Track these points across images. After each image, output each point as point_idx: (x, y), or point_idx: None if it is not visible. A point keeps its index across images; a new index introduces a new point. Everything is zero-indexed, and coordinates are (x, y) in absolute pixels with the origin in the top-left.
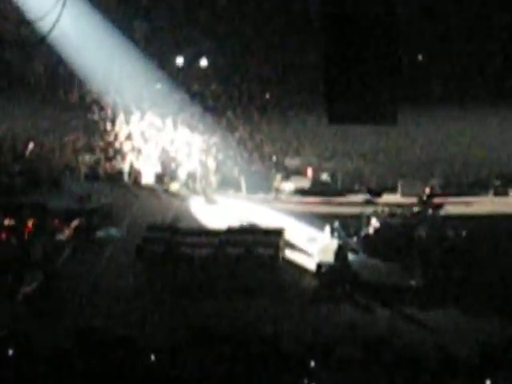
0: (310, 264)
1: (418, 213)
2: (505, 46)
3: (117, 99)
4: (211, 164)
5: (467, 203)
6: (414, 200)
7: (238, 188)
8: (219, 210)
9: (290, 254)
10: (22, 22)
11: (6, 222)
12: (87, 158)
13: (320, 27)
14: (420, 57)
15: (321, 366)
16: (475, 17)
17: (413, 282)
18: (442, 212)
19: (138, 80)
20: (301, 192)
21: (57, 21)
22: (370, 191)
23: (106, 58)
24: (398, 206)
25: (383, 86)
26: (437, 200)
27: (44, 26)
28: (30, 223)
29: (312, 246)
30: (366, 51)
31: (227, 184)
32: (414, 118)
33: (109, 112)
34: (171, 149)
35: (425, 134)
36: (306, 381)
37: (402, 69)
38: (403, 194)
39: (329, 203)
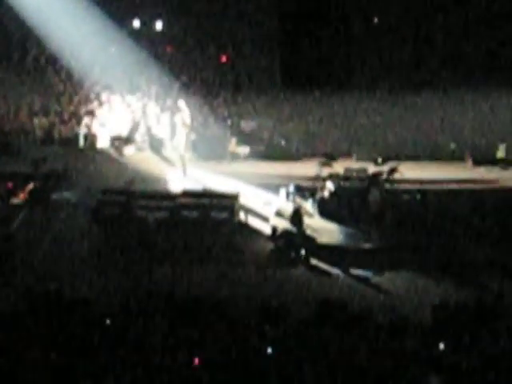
0: (266, 228)
1: (373, 176)
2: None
3: (72, 62)
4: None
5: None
6: (368, 164)
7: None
8: (171, 175)
9: (245, 217)
10: None
11: None
12: (42, 121)
13: None
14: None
15: (275, 330)
16: None
17: (367, 245)
18: (397, 175)
19: (93, 42)
20: (256, 156)
21: None
22: (325, 155)
23: (61, 19)
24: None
25: (335, 52)
26: (392, 164)
27: None
28: None
29: (267, 210)
30: (320, 21)
31: None
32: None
33: (64, 75)
34: (126, 112)
35: (382, 101)
36: (261, 346)
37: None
38: (358, 159)
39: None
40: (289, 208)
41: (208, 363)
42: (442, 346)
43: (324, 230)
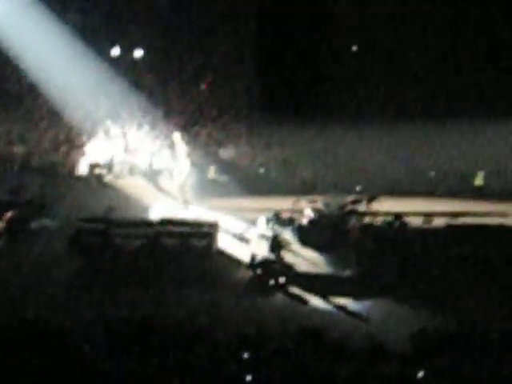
0: (245, 255)
1: (352, 203)
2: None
3: (50, 90)
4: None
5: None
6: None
7: None
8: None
9: (224, 245)
10: None
11: None
12: (20, 149)
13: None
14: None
15: (254, 357)
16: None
17: (346, 272)
18: (376, 204)
19: (72, 70)
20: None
21: None
22: (303, 182)
23: (39, 49)
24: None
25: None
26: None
27: None
28: None
29: (246, 237)
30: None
31: None
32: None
33: (42, 103)
34: (106, 140)
35: (360, 130)
36: (240, 373)
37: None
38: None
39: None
40: (268, 235)
41: None
42: (420, 373)
43: (303, 257)
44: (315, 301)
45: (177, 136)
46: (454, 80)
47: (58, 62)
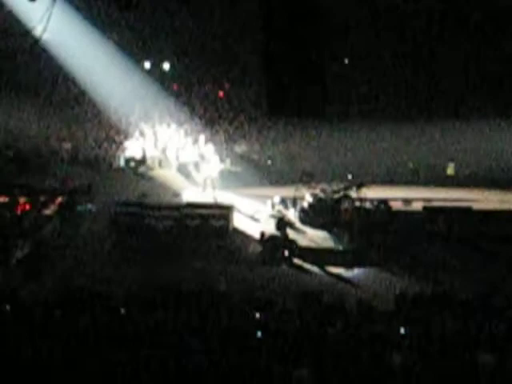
0: (256, 232)
1: (345, 189)
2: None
3: (95, 96)
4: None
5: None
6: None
7: None
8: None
9: (238, 224)
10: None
11: (1, 199)
12: (68, 145)
13: (261, 32)
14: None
15: (265, 317)
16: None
17: (340, 247)
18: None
19: (113, 80)
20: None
21: (44, 30)
22: (304, 173)
23: (85, 62)
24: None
25: (313, 84)
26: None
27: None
28: (21, 201)
29: (257, 218)
30: (301, 53)
31: None
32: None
33: (87, 107)
34: (140, 138)
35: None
36: (252, 330)
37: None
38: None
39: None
40: (275, 216)
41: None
42: (402, 329)
43: (304, 234)
44: (314, 270)
45: (202, 137)
46: (426, 85)
47: (101, 73)
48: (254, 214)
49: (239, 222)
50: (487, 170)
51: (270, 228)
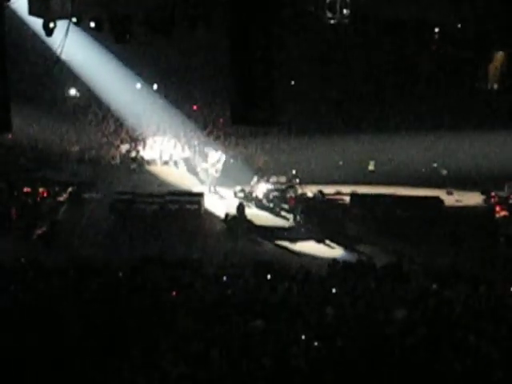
0: (222, 214)
1: (289, 181)
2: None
3: (96, 109)
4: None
5: None
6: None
7: None
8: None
9: (209, 208)
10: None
11: (25, 189)
12: (76, 148)
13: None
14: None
15: (229, 279)
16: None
17: (286, 225)
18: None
19: (112, 96)
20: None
21: (61, 53)
22: (259, 169)
23: (90, 81)
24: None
25: (267, 98)
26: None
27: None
28: (40, 190)
29: (222, 203)
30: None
31: None
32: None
33: (91, 116)
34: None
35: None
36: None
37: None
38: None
39: None
40: (236, 202)
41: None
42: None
43: (259, 216)
44: (266, 243)
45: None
46: (359, 94)
47: (103, 90)
48: (220, 199)
49: (213, 205)
50: (403, 167)
51: (233, 211)
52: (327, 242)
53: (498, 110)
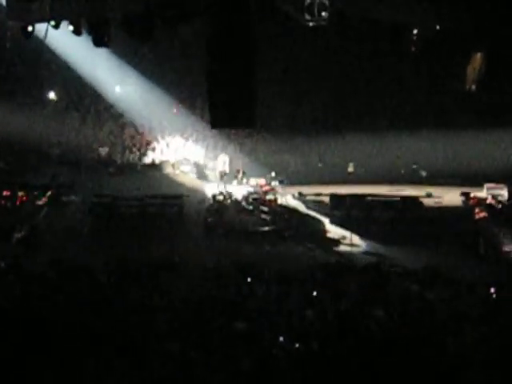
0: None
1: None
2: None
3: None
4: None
5: None
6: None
7: None
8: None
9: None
10: None
11: (4, 193)
12: (56, 151)
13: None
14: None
15: (209, 281)
16: None
17: (266, 228)
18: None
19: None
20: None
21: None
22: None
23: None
24: None
25: (246, 102)
26: None
27: None
28: (20, 194)
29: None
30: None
31: None
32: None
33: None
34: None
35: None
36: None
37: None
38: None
39: None
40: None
41: None
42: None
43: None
44: (246, 246)
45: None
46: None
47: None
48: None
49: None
50: (382, 169)
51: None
52: (307, 244)
53: (477, 111)
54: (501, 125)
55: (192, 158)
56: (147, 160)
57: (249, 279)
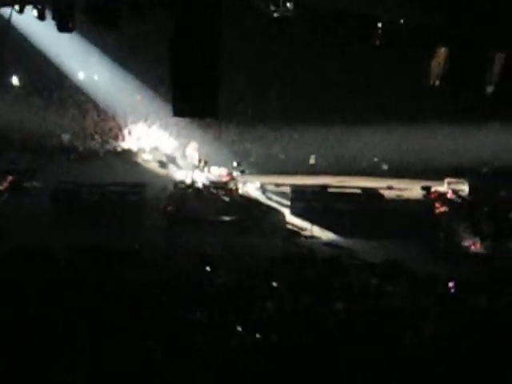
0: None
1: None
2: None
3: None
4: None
5: None
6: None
7: None
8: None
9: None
10: None
11: None
12: (17, 136)
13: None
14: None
15: (168, 270)
16: None
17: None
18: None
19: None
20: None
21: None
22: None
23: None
24: None
25: (208, 90)
26: None
27: None
28: None
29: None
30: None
31: None
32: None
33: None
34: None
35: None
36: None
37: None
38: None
39: None
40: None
41: None
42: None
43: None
44: (207, 236)
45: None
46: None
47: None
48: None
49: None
50: (344, 161)
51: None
52: (268, 235)
53: (441, 106)
54: (464, 120)
55: (156, 145)
56: (110, 147)
57: (208, 268)
